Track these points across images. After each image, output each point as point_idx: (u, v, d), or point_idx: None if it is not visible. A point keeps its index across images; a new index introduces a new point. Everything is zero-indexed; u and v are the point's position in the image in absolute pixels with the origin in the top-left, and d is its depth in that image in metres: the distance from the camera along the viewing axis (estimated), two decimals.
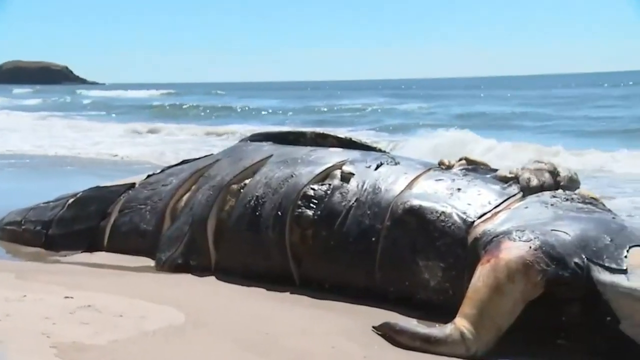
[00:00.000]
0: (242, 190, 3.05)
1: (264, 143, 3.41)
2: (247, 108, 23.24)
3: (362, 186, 2.78)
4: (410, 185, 2.72)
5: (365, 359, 2.11)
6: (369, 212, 2.69)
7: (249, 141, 3.53)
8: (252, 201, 2.96)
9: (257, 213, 2.92)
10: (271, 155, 3.18)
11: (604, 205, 2.52)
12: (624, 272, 2.15)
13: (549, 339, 2.25)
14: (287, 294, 2.77)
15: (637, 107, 18.15)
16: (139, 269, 3.16)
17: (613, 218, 2.40)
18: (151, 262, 3.21)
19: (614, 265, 2.17)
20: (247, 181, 3.09)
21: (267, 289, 2.81)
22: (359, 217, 2.70)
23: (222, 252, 3.04)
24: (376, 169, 2.85)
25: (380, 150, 3.17)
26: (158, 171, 3.68)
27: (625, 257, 2.18)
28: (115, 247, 3.43)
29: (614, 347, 2.14)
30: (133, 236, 3.38)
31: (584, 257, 2.19)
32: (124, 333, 2.20)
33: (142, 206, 3.42)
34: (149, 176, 3.63)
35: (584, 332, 2.19)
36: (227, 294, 2.75)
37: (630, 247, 2.21)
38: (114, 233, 3.46)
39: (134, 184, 3.62)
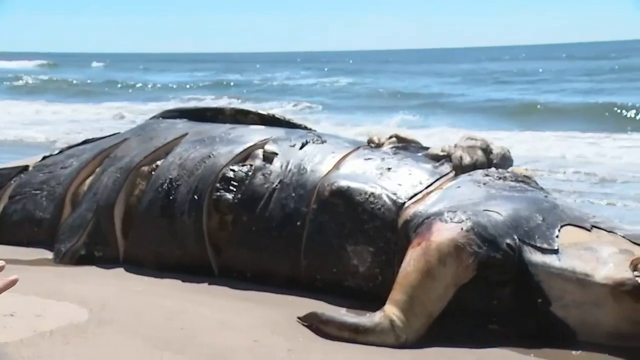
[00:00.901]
0: (153, 173, 2.95)
1: (177, 120, 3.31)
2: (146, 82, 22.51)
3: (286, 167, 2.74)
4: (337, 165, 2.71)
5: (289, 352, 2.09)
6: (293, 194, 2.66)
7: (160, 118, 3.42)
8: (165, 184, 2.86)
9: (171, 197, 2.83)
10: (186, 134, 3.08)
11: (536, 183, 2.62)
12: (556, 252, 2.23)
13: (480, 324, 2.32)
14: (205, 285, 2.71)
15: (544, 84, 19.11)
16: (34, 262, 2.99)
17: (545, 197, 2.49)
18: (49, 254, 3.05)
19: (545, 246, 2.25)
20: (159, 162, 2.98)
21: (183, 281, 2.74)
22: (282, 201, 2.67)
23: (131, 241, 2.92)
24: (301, 148, 2.82)
25: (305, 128, 3.14)
26: (55, 152, 3.49)
27: (557, 236, 2.27)
28: (4, 238, 3.22)
29: (545, 330, 2.23)
30: (26, 225, 3.19)
31: (515, 237, 2.26)
32: (15, 334, 2.06)
33: (37, 191, 3.24)
34: (44, 158, 3.43)
35: (515, 315, 2.27)
36: (136, 287, 2.65)
37: (561, 226, 2.30)
38: (3, 222, 3.26)
39: (27, 166, 3.41)
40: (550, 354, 2.14)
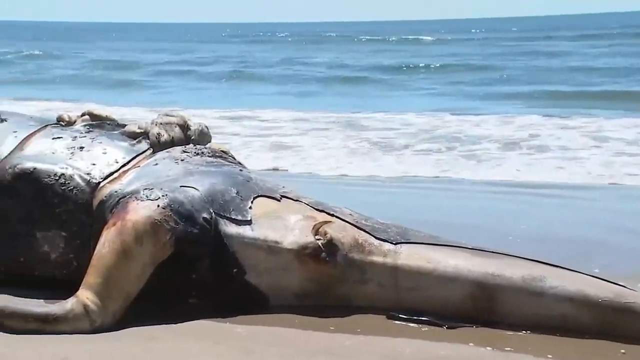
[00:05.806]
0: None
1: None
2: None
3: None
4: (21, 146, 2.76)
5: None
6: None
7: None
8: None
9: None
10: None
11: (233, 157, 2.97)
12: (249, 223, 2.59)
13: (180, 299, 2.59)
14: None
15: None
16: None
17: (240, 170, 2.85)
18: None
19: (240, 217, 2.59)
20: None
21: None
22: None
23: None
24: None
25: None
26: None
27: (250, 207, 2.63)
28: None
29: (240, 298, 2.57)
30: None
31: (212, 211, 2.57)
32: None
33: None
34: None
35: (213, 287, 2.58)
36: None
37: (254, 198, 2.66)
38: None
39: None
40: (243, 320, 2.48)
